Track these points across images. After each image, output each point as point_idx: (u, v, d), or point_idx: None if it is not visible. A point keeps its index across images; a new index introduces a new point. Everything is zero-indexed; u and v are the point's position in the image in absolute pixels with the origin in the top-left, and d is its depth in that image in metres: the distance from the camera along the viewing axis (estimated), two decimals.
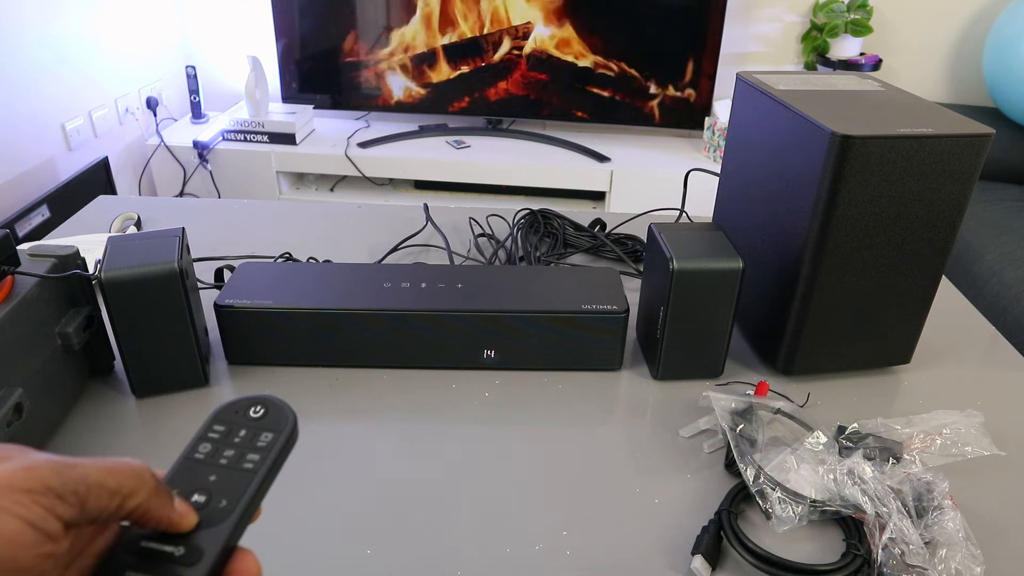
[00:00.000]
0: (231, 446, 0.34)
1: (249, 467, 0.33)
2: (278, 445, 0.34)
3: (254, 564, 0.32)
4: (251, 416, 0.35)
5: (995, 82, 2.07)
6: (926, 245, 0.65)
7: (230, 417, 0.35)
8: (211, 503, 0.32)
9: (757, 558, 0.51)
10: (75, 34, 1.97)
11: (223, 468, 0.33)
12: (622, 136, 2.45)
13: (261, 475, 0.33)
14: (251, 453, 0.34)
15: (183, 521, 0.31)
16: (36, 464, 0.27)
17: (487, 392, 0.69)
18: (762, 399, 0.66)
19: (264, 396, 0.36)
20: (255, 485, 0.32)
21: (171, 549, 0.30)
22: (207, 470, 0.33)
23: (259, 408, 0.36)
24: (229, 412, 0.36)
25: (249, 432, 0.35)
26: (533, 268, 0.76)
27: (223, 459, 0.33)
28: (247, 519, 0.32)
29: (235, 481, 0.33)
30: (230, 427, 0.35)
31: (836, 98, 0.68)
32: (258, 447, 0.34)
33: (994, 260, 1.66)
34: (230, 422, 0.35)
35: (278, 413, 0.36)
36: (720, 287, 0.65)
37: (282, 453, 0.34)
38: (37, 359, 0.58)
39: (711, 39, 2.20)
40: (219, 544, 0.30)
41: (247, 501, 0.32)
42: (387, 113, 2.46)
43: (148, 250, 0.62)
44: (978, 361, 0.77)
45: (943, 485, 0.55)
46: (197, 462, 0.34)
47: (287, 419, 0.35)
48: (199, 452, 0.34)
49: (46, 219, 1.80)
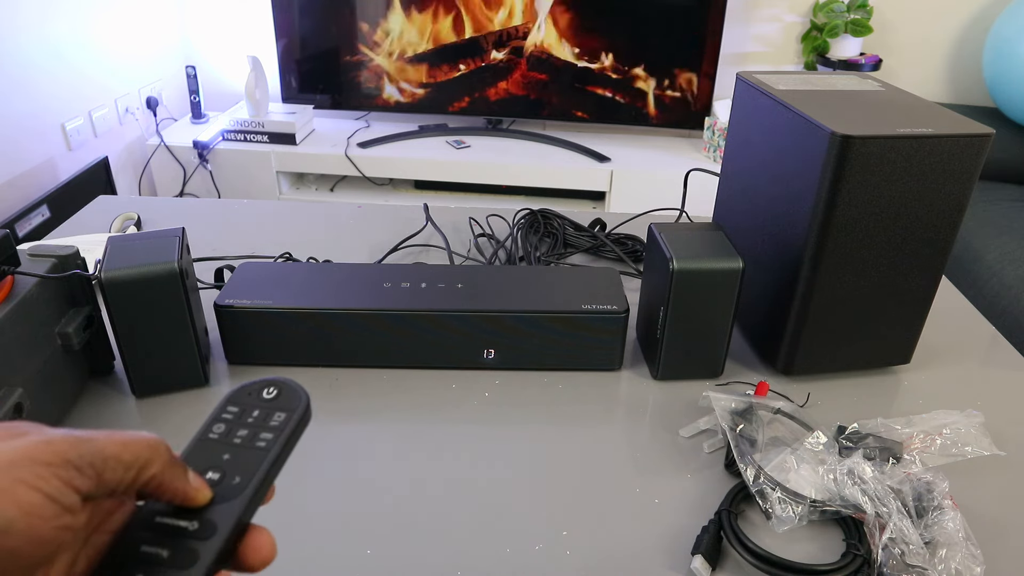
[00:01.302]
0: (244, 426, 0.34)
1: (262, 445, 0.33)
2: (291, 424, 0.34)
3: (268, 540, 0.32)
4: (264, 397, 0.36)
5: (995, 82, 2.07)
6: (926, 245, 0.65)
7: (243, 399, 0.36)
8: (225, 480, 0.32)
9: (757, 558, 0.51)
10: (75, 34, 1.97)
11: (237, 447, 0.34)
12: (622, 136, 2.45)
13: (274, 453, 0.33)
14: (264, 432, 0.34)
15: (197, 495, 0.31)
16: (54, 438, 0.27)
17: (487, 392, 0.69)
18: (762, 399, 0.66)
19: (277, 378, 0.37)
20: (268, 462, 0.33)
21: (185, 524, 0.31)
22: (221, 449, 0.33)
23: (272, 389, 0.36)
24: (242, 394, 0.36)
25: (262, 412, 0.35)
26: (533, 268, 0.76)
27: (236, 438, 0.34)
28: (260, 496, 0.33)
29: (248, 459, 0.33)
30: (243, 408, 0.35)
31: (836, 98, 0.68)
32: (271, 426, 0.34)
33: (994, 260, 1.66)
34: (243, 403, 0.36)
35: (291, 393, 0.36)
36: (720, 287, 0.65)
37: (295, 432, 0.35)
38: (37, 359, 0.58)
39: (711, 39, 2.20)
40: (232, 519, 0.31)
41: (260, 478, 0.32)
42: (387, 113, 2.46)
43: (148, 250, 0.62)
44: (978, 361, 0.77)
45: (943, 485, 0.55)
46: (211, 442, 0.34)
47: (300, 399, 0.35)
48: (213, 432, 0.34)
49: (46, 219, 1.80)
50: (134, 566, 0.29)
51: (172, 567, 0.29)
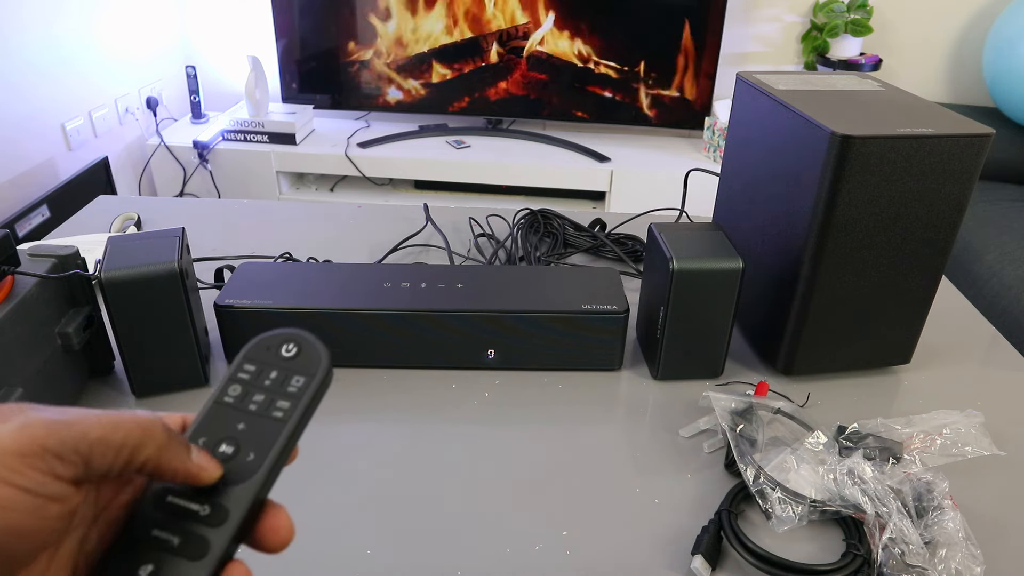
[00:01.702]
0: (261, 389, 0.32)
1: (279, 415, 0.31)
2: (310, 391, 0.32)
3: (286, 521, 0.30)
4: (283, 355, 0.33)
5: (995, 82, 2.07)
6: (926, 245, 0.65)
7: (261, 355, 0.33)
8: (239, 455, 0.30)
9: (757, 558, 0.51)
10: (75, 34, 1.97)
11: (252, 415, 0.32)
12: (622, 136, 2.45)
13: (292, 425, 0.31)
14: (281, 400, 0.32)
15: (202, 474, 0.29)
16: (31, 424, 0.26)
17: (487, 392, 0.69)
18: (762, 399, 0.66)
19: (297, 332, 0.34)
20: (284, 436, 0.31)
21: (197, 507, 0.29)
22: (236, 416, 0.32)
23: (291, 346, 0.33)
24: (260, 350, 0.33)
25: (280, 374, 0.33)
26: (533, 268, 0.76)
27: (252, 404, 0.32)
28: (276, 472, 0.31)
29: (264, 431, 0.31)
30: (261, 367, 0.33)
31: (836, 98, 0.68)
32: (289, 393, 0.32)
33: (994, 260, 1.66)
34: (261, 361, 0.33)
35: (311, 353, 0.33)
36: (720, 287, 0.65)
37: (314, 400, 0.32)
38: (37, 359, 0.58)
39: (711, 39, 2.20)
40: (246, 503, 0.30)
41: (276, 454, 0.30)
42: (387, 113, 2.46)
43: (148, 250, 0.62)
44: (978, 361, 0.77)
45: (943, 485, 0.55)
46: (227, 407, 0.32)
47: (320, 361, 0.33)
48: (228, 395, 0.32)
49: (46, 219, 1.80)
50: (145, 552, 0.28)
51: (183, 556, 0.28)
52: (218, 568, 0.28)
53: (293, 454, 0.32)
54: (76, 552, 0.28)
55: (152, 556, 0.28)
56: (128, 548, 0.29)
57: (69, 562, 0.28)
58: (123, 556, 0.29)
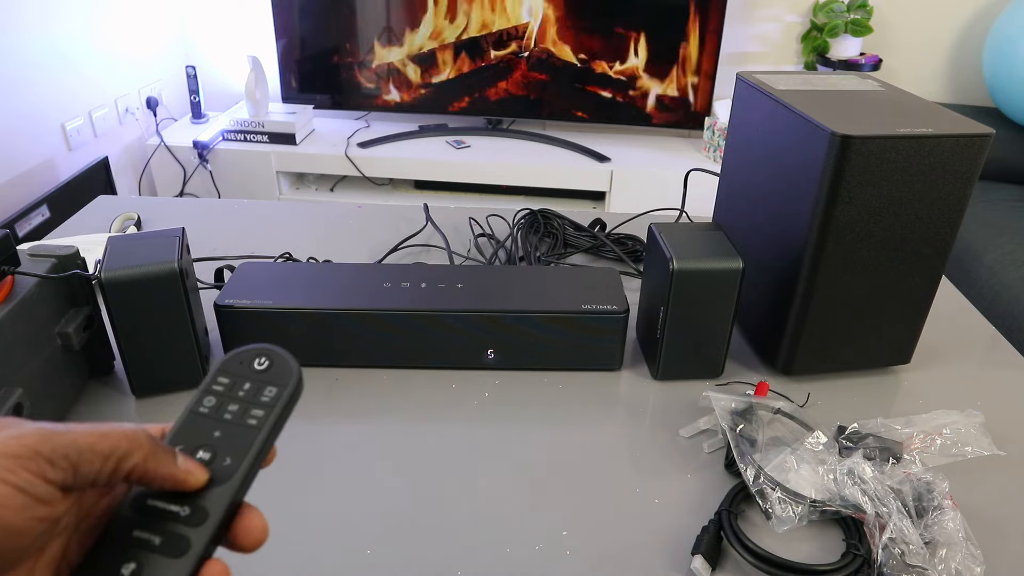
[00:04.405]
0: (235, 400, 0.34)
1: (253, 423, 0.33)
2: (282, 401, 0.34)
3: (260, 521, 0.32)
4: (255, 368, 0.35)
5: (995, 82, 2.07)
6: (926, 245, 0.65)
7: (234, 368, 0.35)
8: (216, 461, 0.32)
9: (757, 558, 0.51)
10: (75, 34, 1.97)
11: (227, 424, 0.33)
12: (622, 136, 2.45)
13: (265, 432, 0.33)
14: (255, 409, 0.33)
15: (189, 479, 0.31)
16: (25, 432, 0.27)
17: (487, 392, 0.69)
18: (762, 399, 0.66)
19: (268, 347, 0.36)
20: (259, 442, 0.32)
21: (176, 508, 0.30)
22: (211, 426, 0.33)
23: (263, 360, 0.35)
24: (234, 363, 0.35)
25: (253, 386, 0.34)
26: (533, 268, 0.76)
27: (227, 414, 0.33)
28: (253, 475, 0.32)
29: (239, 438, 0.32)
30: (234, 380, 0.34)
31: (836, 98, 0.68)
32: (262, 402, 0.34)
33: (994, 260, 1.66)
34: (234, 374, 0.35)
35: (282, 365, 0.35)
36: (720, 287, 0.65)
37: (286, 409, 0.34)
38: (37, 359, 0.58)
39: (711, 39, 2.20)
40: (224, 504, 0.31)
41: (251, 459, 0.32)
42: (387, 113, 2.46)
43: (148, 250, 0.62)
44: (978, 361, 0.77)
45: (943, 485, 0.55)
46: (201, 417, 0.33)
47: (291, 373, 0.35)
48: (203, 406, 0.34)
49: (46, 219, 1.80)
50: (126, 551, 0.29)
51: (164, 554, 0.29)
52: (198, 565, 0.29)
53: (269, 458, 0.34)
54: (59, 559, 0.29)
55: (134, 555, 0.29)
56: (109, 549, 0.30)
57: (51, 569, 0.29)
58: (105, 556, 0.29)
